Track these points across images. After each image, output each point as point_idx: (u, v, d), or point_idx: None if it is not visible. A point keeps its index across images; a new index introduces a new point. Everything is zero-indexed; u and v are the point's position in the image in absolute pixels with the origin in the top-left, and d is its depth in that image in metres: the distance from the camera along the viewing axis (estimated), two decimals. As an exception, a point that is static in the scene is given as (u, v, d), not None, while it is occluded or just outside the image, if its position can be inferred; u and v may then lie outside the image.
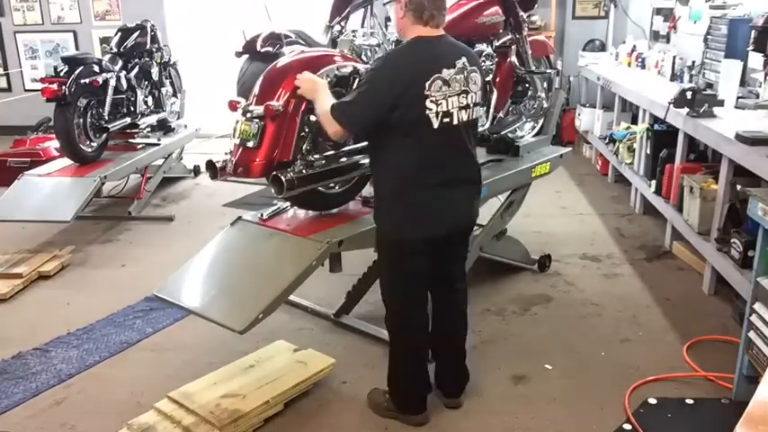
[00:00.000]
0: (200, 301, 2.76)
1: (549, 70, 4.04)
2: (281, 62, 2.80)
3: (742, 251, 3.30)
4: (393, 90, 2.40)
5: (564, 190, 5.96)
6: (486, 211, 3.93)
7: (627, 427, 2.67)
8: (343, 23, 4.73)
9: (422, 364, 2.75)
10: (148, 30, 5.88)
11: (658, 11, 6.58)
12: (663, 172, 4.56)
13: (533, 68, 3.76)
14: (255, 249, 2.94)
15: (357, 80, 2.88)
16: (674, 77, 5.49)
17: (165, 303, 2.92)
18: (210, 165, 2.75)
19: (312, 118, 2.77)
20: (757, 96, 4.17)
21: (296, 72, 2.67)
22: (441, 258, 2.68)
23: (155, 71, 5.98)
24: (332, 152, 2.90)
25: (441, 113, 2.44)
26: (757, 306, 2.62)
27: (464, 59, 2.52)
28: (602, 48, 7.63)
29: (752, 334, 2.63)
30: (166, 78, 6.22)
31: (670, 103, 4.19)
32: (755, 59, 4.16)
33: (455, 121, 2.49)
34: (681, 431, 2.67)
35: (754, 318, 2.63)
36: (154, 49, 5.96)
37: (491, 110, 3.56)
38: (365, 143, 2.85)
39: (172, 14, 8.36)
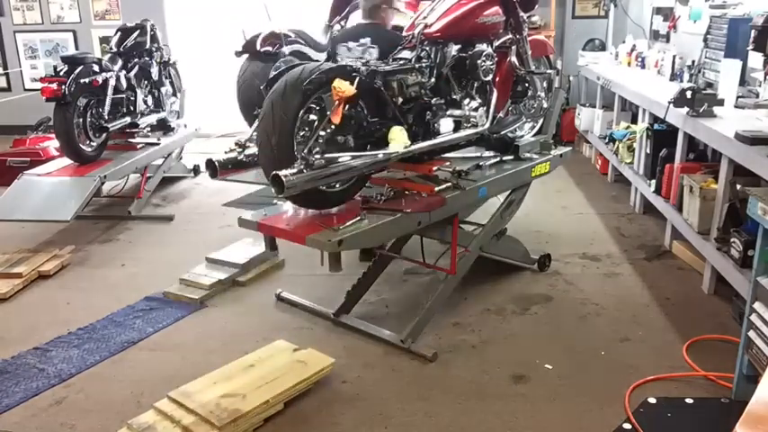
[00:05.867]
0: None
1: (548, 70, 4.04)
2: None
3: (742, 251, 3.30)
4: None
5: (564, 189, 5.96)
6: (487, 211, 3.94)
7: (627, 426, 2.67)
8: (342, 23, 4.73)
9: None
10: (148, 29, 5.89)
11: (658, 10, 6.59)
12: (662, 171, 4.56)
13: (533, 68, 3.76)
14: None
15: (357, 78, 2.87)
16: (673, 77, 5.50)
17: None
18: (210, 164, 2.75)
19: (312, 117, 2.76)
20: (757, 96, 4.16)
21: None
22: None
23: (154, 71, 5.98)
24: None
25: None
26: (757, 305, 2.61)
27: None
28: (602, 47, 7.64)
29: (752, 333, 2.63)
30: (166, 78, 6.22)
31: (670, 102, 4.18)
32: (755, 59, 4.16)
33: None
34: (681, 431, 2.67)
35: (753, 317, 2.63)
36: (153, 49, 5.97)
37: (491, 110, 3.55)
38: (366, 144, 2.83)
39: (172, 14, 8.36)
